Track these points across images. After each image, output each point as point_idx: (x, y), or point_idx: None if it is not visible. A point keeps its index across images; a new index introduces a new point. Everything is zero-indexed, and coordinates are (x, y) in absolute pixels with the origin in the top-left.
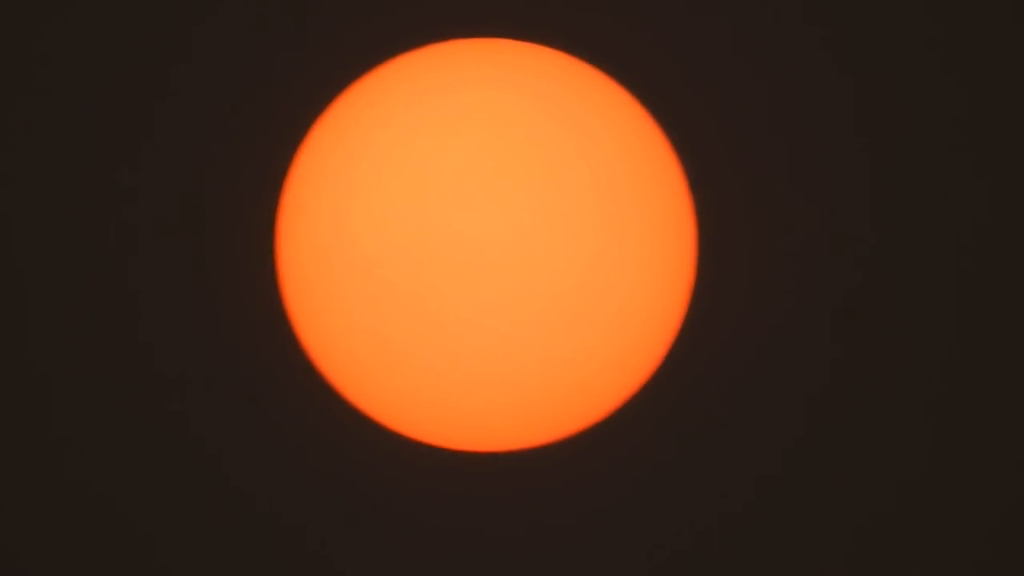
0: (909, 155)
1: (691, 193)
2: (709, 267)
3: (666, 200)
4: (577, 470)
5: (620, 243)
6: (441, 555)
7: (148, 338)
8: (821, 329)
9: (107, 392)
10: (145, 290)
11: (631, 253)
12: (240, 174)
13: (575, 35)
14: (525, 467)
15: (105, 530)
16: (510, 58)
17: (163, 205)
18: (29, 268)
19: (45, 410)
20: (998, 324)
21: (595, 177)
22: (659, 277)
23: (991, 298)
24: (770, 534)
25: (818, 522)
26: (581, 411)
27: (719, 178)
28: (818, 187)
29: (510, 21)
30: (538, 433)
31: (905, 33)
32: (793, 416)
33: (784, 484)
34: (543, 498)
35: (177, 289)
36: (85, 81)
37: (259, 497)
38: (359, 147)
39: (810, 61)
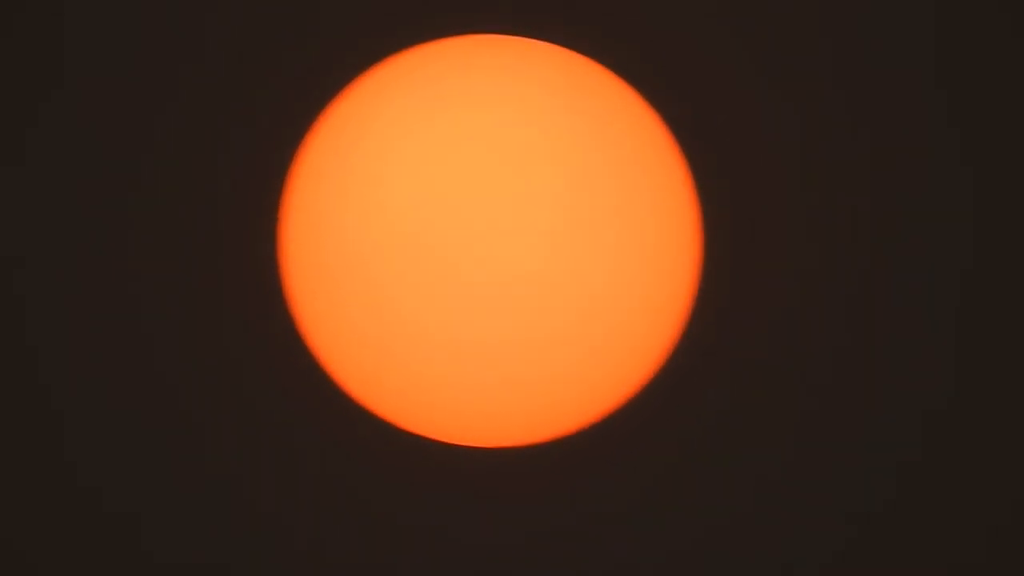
0: (910, 154)
1: (695, 191)
2: (712, 265)
3: (670, 198)
4: (579, 467)
5: (624, 240)
6: (441, 551)
7: (149, 338)
8: (822, 328)
9: (108, 392)
10: (145, 290)
11: (635, 250)
12: (242, 173)
13: (577, 31)
14: (528, 463)
15: (105, 529)
16: (512, 55)
17: (164, 205)
18: (30, 268)
19: (45, 410)
20: (998, 323)
21: (599, 174)
22: (663, 275)
23: (991, 297)
24: (771, 534)
25: (819, 521)
26: (584, 408)
27: (722, 176)
28: (820, 186)
29: (512, 18)
30: (541, 430)
31: (906, 34)
32: (795, 415)
33: (784, 484)
34: (545, 495)
35: (178, 288)
36: (86, 81)
37: (259, 497)
38: (361, 145)
39: (812, 60)
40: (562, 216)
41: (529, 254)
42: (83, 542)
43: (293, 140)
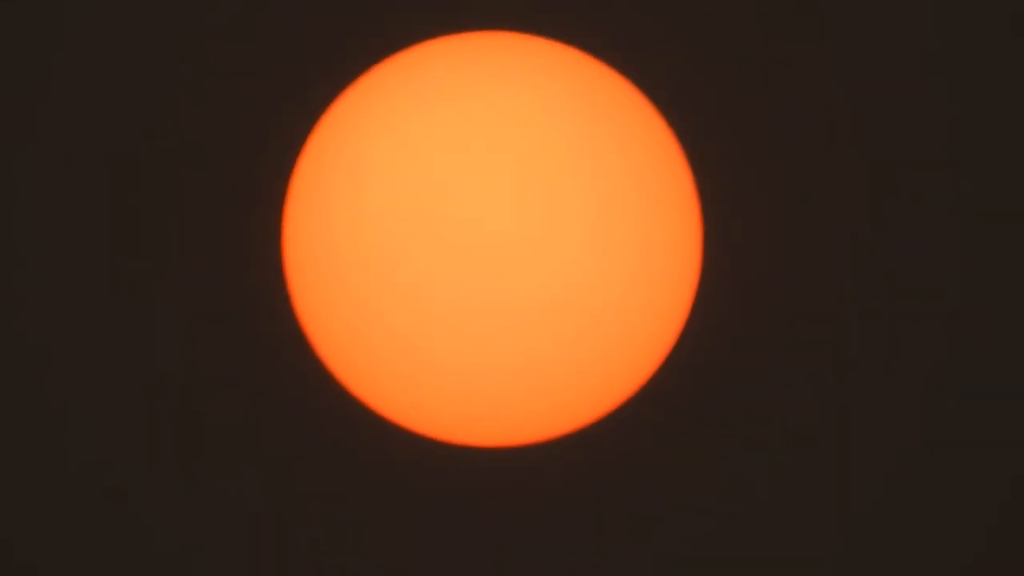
0: (912, 155)
1: (697, 191)
2: (715, 263)
3: (671, 199)
4: (582, 465)
5: (625, 240)
6: (441, 550)
7: (152, 338)
8: (822, 329)
9: (110, 391)
10: (148, 290)
11: (636, 251)
12: (244, 173)
13: (582, 30)
14: (528, 463)
15: (106, 528)
16: (516, 53)
17: (165, 206)
18: (31, 268)
19: (47, 410)
20: (998, 322)
21: (603, 173)
22: (663, 275)
23: (992, 299)
24: (770, 534)
25: (821, 520)
26: (587, 406)
27: (725, 177)
28: (822, 187)
29: (516, 15)
30: (541, 430)
31: (908, 36)
32: (794, 417)
33: (783, 485)
34: (545, 494)
35: (181, 288)
36: (87, 81)
37: (261, 495)
38: (363, 143)
39: (816, 61)
40: (563, 216)
41: (531, 254)
42: (84, 541)
43: (295, 139)
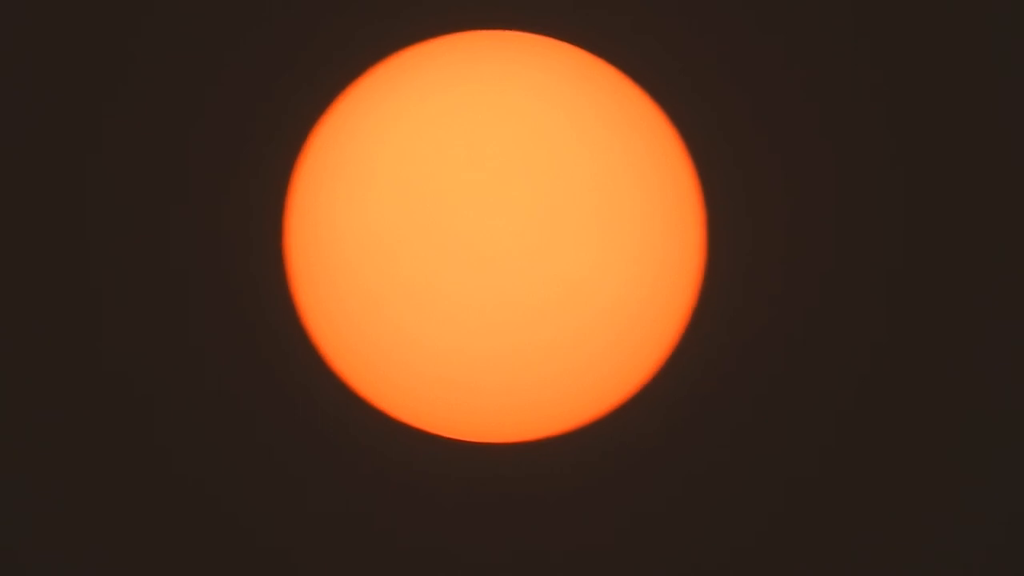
0: (914, 152)
1: (701, 188)
2: (717, 262)
3: (675, 194)
4: (582, 463)
5: (628, 236)
6: (442, 548)
7: (153, 336)
8: (827, 326)
9: (110, 388)
10: (150, 289)
11: (640, 247)
12: (246, 172)
13: (584, 28)
14: (530, 460)
15: (105, 527)
16: (517, 51)
17: (167, 205)
18: (32, 266)
19: (44, 407)
20: (1001, 321)
21: (604, 170)
22: (667, 273)
23: (993, 296)
24: (775, 533)
25: (823, 520)
26: (587, 405)
27: (729, 174)
28: (827, 184)
29: (517, 14)
30: (543, 427)
31: (912, 34)
32: (795, 417)
33: (784, 484)
34: (546, 492)
35: (182, 288)
36: (87, 82)
37: (260, 492)
38: (364, 142)
39: (819, 58)
40: (566, 214)
41: (533, 252)
42: (80, 541)
43: (295, 139)
